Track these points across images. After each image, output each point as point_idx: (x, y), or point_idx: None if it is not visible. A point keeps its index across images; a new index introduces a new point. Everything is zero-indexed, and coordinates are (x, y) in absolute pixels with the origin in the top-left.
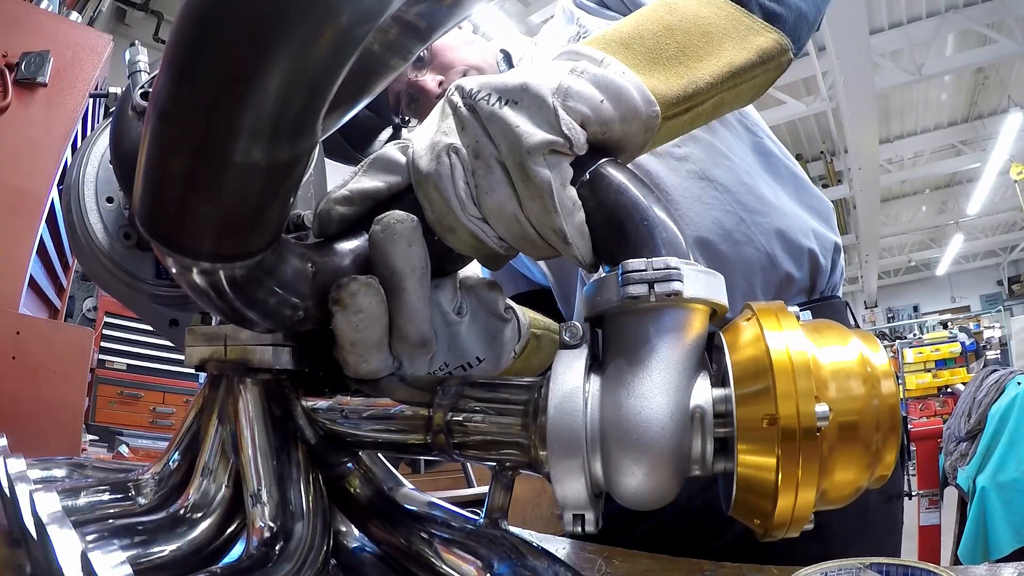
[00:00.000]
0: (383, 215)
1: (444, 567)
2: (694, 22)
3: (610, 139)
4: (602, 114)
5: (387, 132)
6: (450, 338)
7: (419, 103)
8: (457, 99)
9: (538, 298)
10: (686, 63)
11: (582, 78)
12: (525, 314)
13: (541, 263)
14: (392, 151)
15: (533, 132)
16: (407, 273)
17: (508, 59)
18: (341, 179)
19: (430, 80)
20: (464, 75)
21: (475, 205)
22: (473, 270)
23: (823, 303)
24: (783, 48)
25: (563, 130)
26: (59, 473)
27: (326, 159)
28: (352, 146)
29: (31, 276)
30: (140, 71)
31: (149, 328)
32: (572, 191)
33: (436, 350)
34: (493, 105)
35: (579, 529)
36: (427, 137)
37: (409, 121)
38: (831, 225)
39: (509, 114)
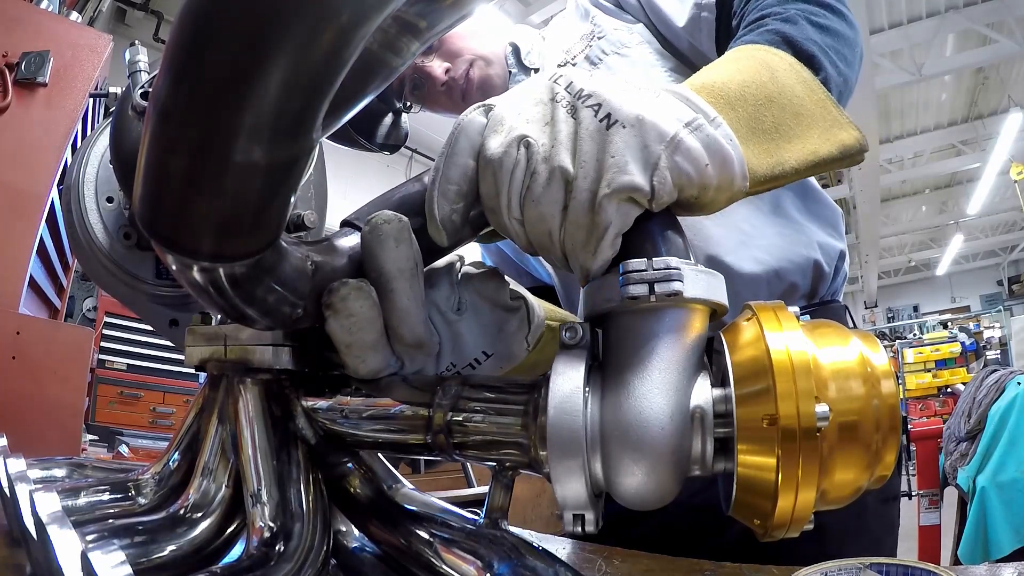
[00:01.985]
0: (372, 215)
1: (444, 567)
2: (789, 99)
3: (695, 201)
4: (703, 179)
5: (390, 117)
6: (452, 337)
7: (424, 89)
8: (561, 91)
9: (539, 295)
10: (777, 141)
11: (695, 135)
12: (540, 306)
13: (548, 266)
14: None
15: (626, 171)
16: (395, 274)
17: (517, 52)
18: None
19: (437, 66)
20: (471, 65)
21: (520, 207)
22: (470, 265)
23: (822, 307)
24: (861, 147)
25: (654, 182)
26: (59, 473)
27: (340, 145)
28: (356, 130)
29: (31, 276)
30: (140, 71)
31: (149, 328)
32: (619, 240)
33: (441, 350)
34: (600, 120)
35: (579, 529)
36: (511, 112)
37: (411, 107)
38: (838, 232)
39: (613, 139)
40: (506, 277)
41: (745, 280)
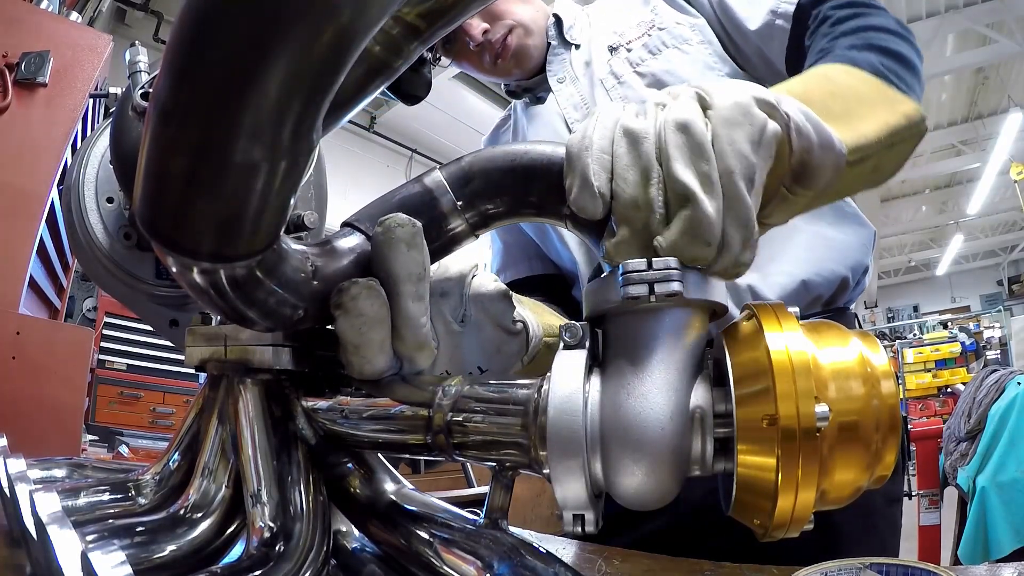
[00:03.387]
0: (386, 217)
1: (444, 567)
2: (849, 89)
3: (803, 167)
4: (805, 137)
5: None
6: (452, 347)
7: (455, 44)
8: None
9: (546, 283)
10: (851, 121)
11: (792, 105)
12: (539, 324)
13: (574, 249)
14: None
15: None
16: (403, 278)
17: (559, 25)
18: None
19: (475, 25)
20: (510, 31)
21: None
22: (483, 279)
23: (837, 314)
24: (921, 116)
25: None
26: (59, 473)
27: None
28: None
29: (31, 276)
30: (140, 71)
31: (149, 328)
32: None
33: (438, 358)
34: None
35: (579, 529)
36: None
37: (440, 58)
38: (868, 248)
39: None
40: (513, 299)
41: (771, 292)
